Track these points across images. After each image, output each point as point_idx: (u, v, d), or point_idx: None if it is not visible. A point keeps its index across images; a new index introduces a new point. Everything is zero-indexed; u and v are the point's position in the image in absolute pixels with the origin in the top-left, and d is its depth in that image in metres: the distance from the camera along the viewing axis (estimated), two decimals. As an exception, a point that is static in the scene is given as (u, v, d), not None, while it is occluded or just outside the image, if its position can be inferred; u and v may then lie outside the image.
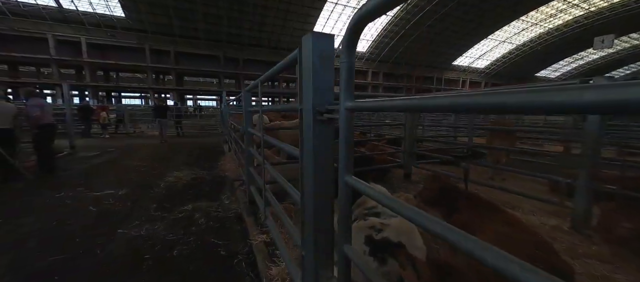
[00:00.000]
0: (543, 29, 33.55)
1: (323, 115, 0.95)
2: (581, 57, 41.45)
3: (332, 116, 0.92)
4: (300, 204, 1.21)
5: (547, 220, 2.73)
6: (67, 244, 2.51)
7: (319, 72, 0.95)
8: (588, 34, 29.91)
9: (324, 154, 1.00)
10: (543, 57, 38.66)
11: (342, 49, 0.78)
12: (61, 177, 5.02)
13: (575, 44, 35.20)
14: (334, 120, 0.94)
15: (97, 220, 3.05)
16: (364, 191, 0.76)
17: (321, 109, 0.95)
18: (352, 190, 0.82)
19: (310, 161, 1.01)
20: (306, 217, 1.11)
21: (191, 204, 3.58)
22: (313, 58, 0.93)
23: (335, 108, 0.90)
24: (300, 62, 1.07)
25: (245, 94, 3.25)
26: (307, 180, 1.07)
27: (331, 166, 1.04)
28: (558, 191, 3.68)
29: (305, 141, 1.05)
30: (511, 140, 4.09)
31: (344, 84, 0.79)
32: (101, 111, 12.12)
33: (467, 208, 2.20)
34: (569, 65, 43.85)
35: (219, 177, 5.08)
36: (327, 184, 1.03)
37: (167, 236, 2.68)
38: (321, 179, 1.01)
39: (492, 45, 36.38)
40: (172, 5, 22.08)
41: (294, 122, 5.47)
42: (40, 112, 5.16)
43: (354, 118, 0.91)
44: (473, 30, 31.24)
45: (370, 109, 0.78)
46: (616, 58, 39.98)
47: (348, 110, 0.78)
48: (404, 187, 4.12)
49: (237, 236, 2.72)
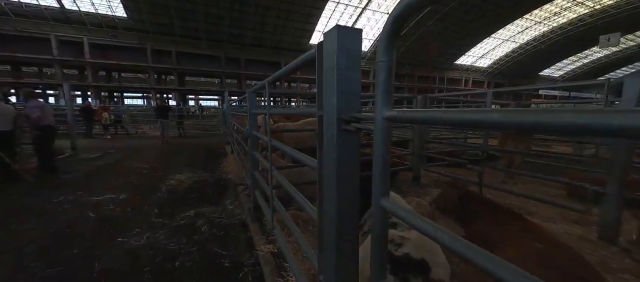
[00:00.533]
0: (547, 28, 33.22)
1: (350, 124, 0.81)
2: (585, 55, 41.04)
3: (360, 127, 0.78)
4: (317, 223, 1.07)
5: (570, 228, 2.58)
6: (64, 254, 2.38)
7: (345, 73, 0.81)
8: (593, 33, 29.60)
9: (350, 168, 0.86)
10: (546, 56, 38.31)
11: (380, 45, 0.64)
12: (61, 179, 4.91)
13: (580, 43, 34.83)
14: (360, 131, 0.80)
15: (96, 227, 2.93)
16: (406, 218, 0.62)
17: (347, 117, 0.81)
18: (387, 216, 0.69)
19: (333, 176, 0.87)
20: (326, 240, 0.98)
21: (193, 209, 3.46)
22: (338, 57, 0.80)
23: (366, 116, 0.77)
24: (320, 62, 0.93)
25: (250, 95, 3.12)
26: (328, 197, 0.93)
27: (357, 183, 0.90)
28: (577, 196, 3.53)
29: (326, 153, 0.91)
30: (526, 142, 3.93)
31: (381, 89, 0.65)
32: (103, 112, 12.02)
33: (488, 218, 2.05)
34: (573, 64, 43.45)
35: (222, 180, 4.95)
36: (352, 203, 0.89)
37: (168, 245, 2.55)
38: (346, 198, 0.87)
39: (495, 44, 36.08)
40: (173, 6, 21.99)
41: (299, 124, 5.33)
42: (40, 113, 5.05)
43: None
44: (474, 30, 30.98)
45: (416, 120, 0.64)
46: (621, 56, 39.55)
47: (387, 120, 0.65)
48: (414, 191, 3.97)
49: (242, 245, 2.58)
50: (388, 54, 0.63)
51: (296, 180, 3.38)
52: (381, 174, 0.68)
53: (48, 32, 21.37)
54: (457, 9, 26.26)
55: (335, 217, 0.89)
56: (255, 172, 3.15)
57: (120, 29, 23.57)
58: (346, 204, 0.89)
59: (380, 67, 0.65)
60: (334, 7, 25.95)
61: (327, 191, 0.93)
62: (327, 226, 0.96)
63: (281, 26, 26.49)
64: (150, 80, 25.82)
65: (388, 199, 0.68)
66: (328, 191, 0.93)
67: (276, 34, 27.41)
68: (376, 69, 0.66)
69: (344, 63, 0.81)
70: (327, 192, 0.93)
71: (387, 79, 0.65)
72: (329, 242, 0.95)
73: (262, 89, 2.92)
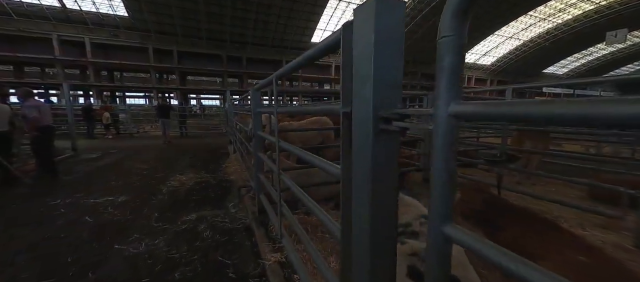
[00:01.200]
0: (552, 25, 32.79)
1: (391, 123, 0.64)
2: (590, 53, 40.52)
3: (406, 126, 0.61)
4: (340, 241, 0.90)
5: (602, 235, 2.39)
6: (58, 263, 2.23)
7: (385, 59, 0.63)
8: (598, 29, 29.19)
9: (389, 178, 0.69)
10: (551, 53, 37.85)
11: (446, 15, 0.47)
12: (60, 181, 4.77)
13: (585, 40, 34.38)
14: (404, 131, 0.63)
15: (93, 233, 2.77)
16: (481, 251, 0.45)
17: (388, 114, 0.64)
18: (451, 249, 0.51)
19: (366, 187, 0.70)
20: (355, 264, 0.80)
21: (195, 213, 3.30)
22: (376, 37, 0.62)
23: (417, 113, 0.60)
24: (347, 46, 0.75)
25: (254, 93, 2.94)
26: (358, 212, 0.76)
27: (396, 198, 0.73)
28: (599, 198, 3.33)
29: (357, 158, 0.74)
30: (544, 141, 3.73)
31: (446, 76, 0.48)
32: (104, 111, 11.91)
33: (517, 225, 1.87)
34: (578, 61, 42.92)
35: (225, 181, 4.80)
36: (390, 220, 0.72)
37: (169, 253, 2.39)
38: (383, 213, 0.70)
39: (498, 42, 35.67)
40: (174, 5, 21.86)
41: (303, 123, 5.16)
42: (37, 114, 4.90)
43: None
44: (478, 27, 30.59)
45: (492, 116, 0.46)
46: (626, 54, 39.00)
47: (454, 117, 0.48)
48: (425, 194, 3.78)
49: (247, 252, 2.42)
50: (458, 26, 0.46)
51: (304, 182, 3.23)
52: (442, 190, 0.51)
53: (50, 31, 21.31)
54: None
55: (369, 237, 0.71)
56: (260, 175, 2.98)
57: (121, 29, 23.48)
58: (383, 221, 0.71)
59: (444, 46, 0.47)
60: (336, 5, 25.71)
61: (358, 204, 0.76)
62: (356, 247, 0.79)
63: (283, 24, 26.29)
64: (152, 79, 25.74)
65: (454, 225, 0.50)
66: (359, 205, 0.75)
67: (278, 32, 27.21)
68: (438, 47, 0.48)
69: (384, 46, 0.63)
70: (358, 206, 0.76)
71: (456, 62, 0.47)
72: (359, 268, 0.78)
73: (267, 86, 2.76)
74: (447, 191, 0.50)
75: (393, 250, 0.75)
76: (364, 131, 0.69)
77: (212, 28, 25.04)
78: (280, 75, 1.75)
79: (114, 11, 22.32)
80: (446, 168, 0.50)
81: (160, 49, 24.99)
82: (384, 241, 0.73)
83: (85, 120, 11.09)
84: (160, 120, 9.85)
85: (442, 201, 0.51)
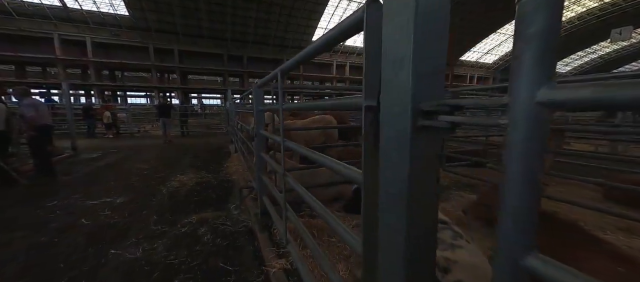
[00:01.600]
0: (555, 22, 32.47)
1: (435, 118, 0.50)
2: (593, 50, 40.15)
3: (457, 120, 0.47)
4: (362, 257, 0.77)
5: (626, 239, 2.25)
6: (49, 272, 2.10)
7: (428, 35, 0.50)
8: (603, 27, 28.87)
9: (428, 184, 0.56)
10: (555, 51, 37.49)
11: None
12: (58, 182, 4.66)
13: (589, 37, 34.03)
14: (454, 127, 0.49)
15: (89, 237, 2.65)
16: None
17: (433, 107, 0.50)
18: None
19: (401, 197, 0.56)
20: None
21: (196, 215, 3.17)
22: (417, 10, 0.49)
23: (483, 104, 0.46)
24: (371, 23, 0.62)
25: (256, 91, 2.81)
26: (388, 224, 0.62)
27: (436, 206, 0.59)
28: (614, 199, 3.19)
29: (387, 163, 0.60)
30: (558, 139, 3.59)
31: (533, 49, 0.34)
32: (104, 110, 11.80)
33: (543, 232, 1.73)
34: (581, 59, 42.54)
35: (226, 181, 4.67)
36: (429, 236, 0.59)
37: (167, 259, 2.26)
38: (421, 226, 0.57)
39: (500, 40, 35.37)
40: (175, 3, 21.76)
41: (306, 122, 5.02)
42: (34, 113, 4.79)
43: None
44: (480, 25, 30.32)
45: (595, 103, 0.33)
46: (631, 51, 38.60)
47: (544, 106, 0.34)
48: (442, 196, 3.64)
49: (250, 258, 2.29)
50: None
51: (309, 182, 3.10)
52: (522, 209, 0.37)
53: (51, 31, 21.27)
54: (464, 4, 25.67)
55: (404, 253, 0.58)
56: (262, 176, 2.85)
57: (122, 28, 23.41)
58: (422, 233, 0.58)
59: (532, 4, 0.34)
60: (337, 3, 25.53)
61: (388, 214, 0.62)
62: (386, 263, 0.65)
63: (284, 23, 26.15)
64: (153, 79, 25.68)
65: (538, 254, 0.37)
66: (389, 214, 0.62)
67: (279, 30, 27.08)
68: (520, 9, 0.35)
69: (427, 19, 0.50)
70: (388, 215, 0.62)
71: (551, 27, 0.33)
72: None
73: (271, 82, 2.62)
74: (530, 211, 0.37)
75: (432, 265, 0.62)
76: (398, 128, 0.55)
77: (213, 27, 24.95)
78: (287, 69, 1.61)
79: (115, 10, 22.24)
80: (529, 180, 0.36)
81: (161, 48, 24.93)
82: (422, 254, 0.59)
83: (85, 120, 11.00)
84: (160, 120, 9.74)
85: (522, 223, 0.37)
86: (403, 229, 0.57)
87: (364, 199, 0.73)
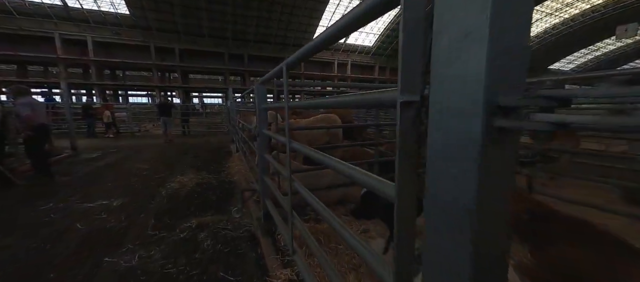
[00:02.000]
0: (558, 19, 32.07)
1: (528, 116, 0.34)
2: (597, 48, 39.73)
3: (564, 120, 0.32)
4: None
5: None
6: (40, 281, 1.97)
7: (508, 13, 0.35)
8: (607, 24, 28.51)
9: (501, 207, 0.41)
10: (557, 48, 37.11)
11: None
12: (55, 183, 4.53)
13: (593, 34, 33.65)
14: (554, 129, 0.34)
15: (83, 243, 2.52)
16: None
17: (521, 102, 0.35)
18: None
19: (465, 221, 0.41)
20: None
21: (195, 219, 3.03)
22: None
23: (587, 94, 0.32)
24: None
25: (259, 88, 2.66)
26: (434, 260, 0.47)
27: (510, 240, 0.45)
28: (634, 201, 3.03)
29: (440, 176, 0.45)
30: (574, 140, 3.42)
31: None
32: (104, 110, 11.68)
33: (568, 239, 1.58)
34: (585, 57, 42.11)
35: (227, 182, 4.53)
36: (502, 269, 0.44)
37: (164, 267, 2.12)
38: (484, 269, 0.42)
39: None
40: (176, 2, 21.61)
41: (309, 121, 4.87)
42: (30, 112, 4.66)
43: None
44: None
45: None
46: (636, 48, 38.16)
47: None
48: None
49: (252, 266, 2.15)
50: None
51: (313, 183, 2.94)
52: None
53: (52, 30, 21.17)
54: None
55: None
56: (265, 177, 2.71)
57: (123, 27, 23.29)
58: (491, 266, 0.43)
59: None
60: (338, 1, 25.33)
61: (439, 246, 0.47)
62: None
63: (285, 21, 25.95)
64: (154, 78, 25.58)
65: None
66: (442, 247, 0.47)
67: (280, 29, 26.89)
68: None
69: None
70: (440, 248, 0.47)
71: None
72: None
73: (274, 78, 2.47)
74: None
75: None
76: (461, 131, 0.40)
77: (213, 25, 24.79)
78: (292, 63, 1.46)
79: (116, 9, 22.12)
80: None
81: (162, 47, 24.80)
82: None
83: (84, 119, 10.86)
84: (161, 119, 9.62)
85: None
86: (465, 263, 0.42)
87: (397, 219, 0.58)
